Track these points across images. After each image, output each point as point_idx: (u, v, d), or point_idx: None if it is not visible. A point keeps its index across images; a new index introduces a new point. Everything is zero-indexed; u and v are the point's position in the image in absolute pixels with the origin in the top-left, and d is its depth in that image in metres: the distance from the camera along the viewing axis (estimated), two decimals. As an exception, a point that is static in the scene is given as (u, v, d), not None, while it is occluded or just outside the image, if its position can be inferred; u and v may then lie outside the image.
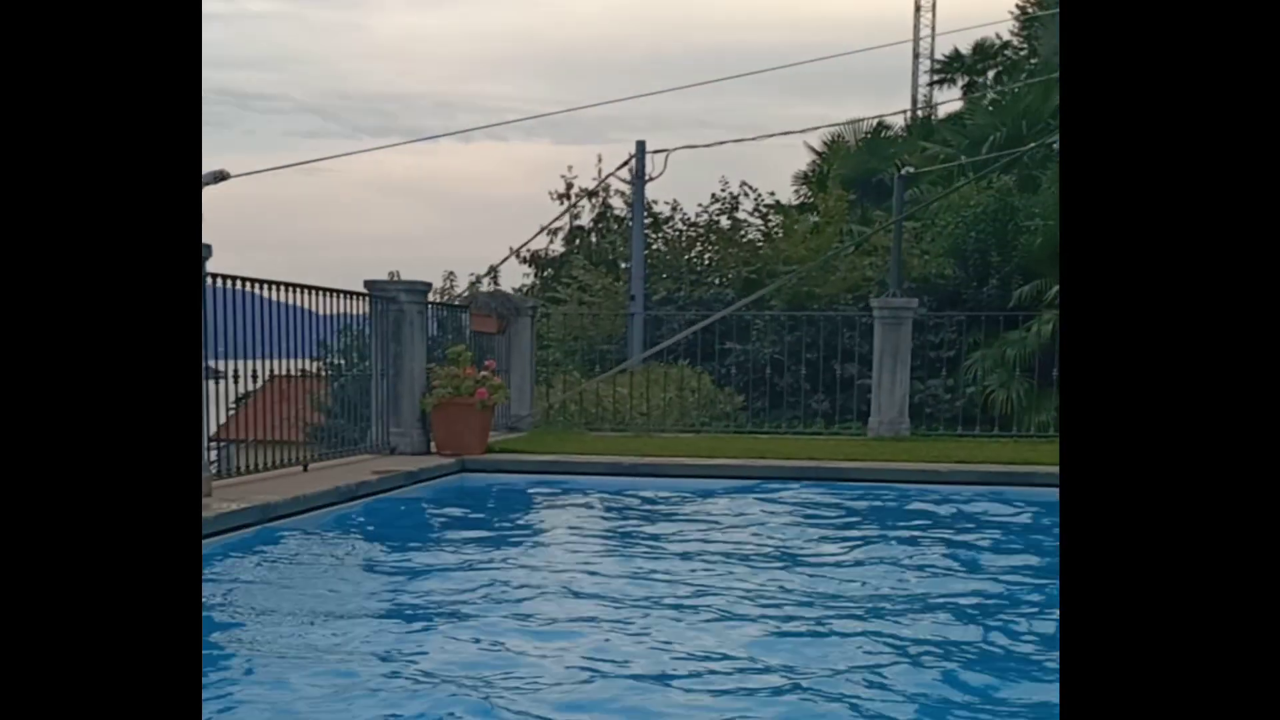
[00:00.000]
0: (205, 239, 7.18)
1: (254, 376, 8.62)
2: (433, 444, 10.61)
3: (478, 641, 5.01)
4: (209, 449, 7.70)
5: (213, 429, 8.19)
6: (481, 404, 10.43)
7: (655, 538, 7.57)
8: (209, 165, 7.59)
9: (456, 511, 8.63)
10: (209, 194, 6.86)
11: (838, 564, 6.68)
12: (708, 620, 5.37)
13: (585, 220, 24.49)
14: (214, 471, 7.76)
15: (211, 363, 7.73)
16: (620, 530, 7.91)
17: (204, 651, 4.70)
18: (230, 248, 7.37)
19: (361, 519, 7.96)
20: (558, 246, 24.42)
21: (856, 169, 22.80)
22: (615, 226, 23.63)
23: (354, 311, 10.15)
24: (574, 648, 4.92)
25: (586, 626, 5.28)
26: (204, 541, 6.53)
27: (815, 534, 7.78)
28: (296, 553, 6.75)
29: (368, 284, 10.41)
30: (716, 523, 8.21)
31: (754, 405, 14.82)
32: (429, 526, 8.07)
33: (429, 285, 11.10)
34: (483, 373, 10.64)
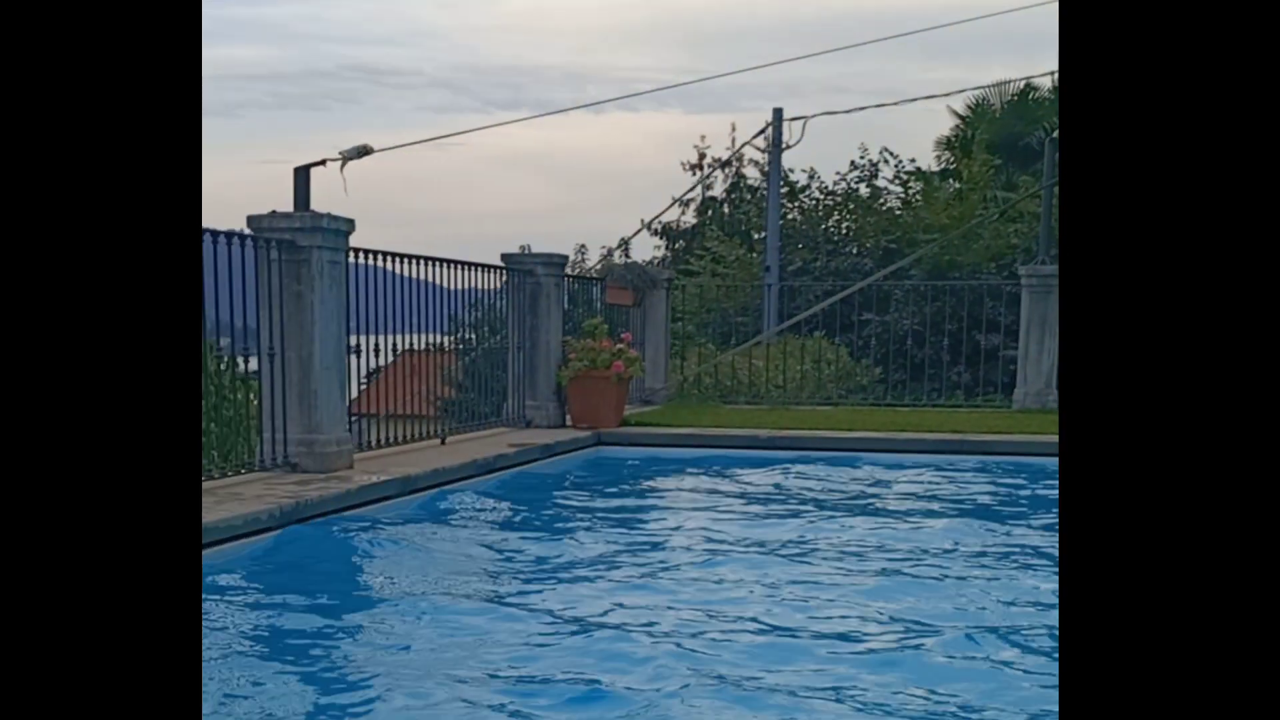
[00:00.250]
0: (348, 214, 7.24)
1: (389, 351, 8.67)
2: (568, 417, 10.59)
3: (621, 610, 4.99)
4: (350, 421, 7.76)
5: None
6: (618, 377, 10.37)
7: (797, 509, 7.44)
8: (348, 141, 7.66)
9: (594, 484, 8.59)
10: (351, 168, 6.89)
11: (995, 536, 6.46)
12: (856, 590, 5.27)
13: (718, 191, 24.32)
14: (354, 444, 7.81)
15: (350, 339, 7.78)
16: (760, 503, 7.78)
17: (356, 619, 4.79)
18: (366, 223, 7.40)
19: (499, 491, 7.97)
20: (689, 218, 24.29)
21: (1002, 133, 22.08)
22: (749, 196, 23.40)
23: (485, 285, 10.14)
24: (718, 615, 4.88)
25: (728, 594, 5.22)
26: (347, 512, 6.59)
27: (965, 505, 7.55)
28: (438, 523, 6.79)
29: (505, 257, 10.41)
30: (861, 495, 8.04)
31: (892, 378, 14.51)
32: (566, 498, 8.04)
33: (566, 258, 11.06)
34: (619, 345, 10.58)
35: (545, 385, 10.53)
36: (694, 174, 23.80)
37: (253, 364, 7.21)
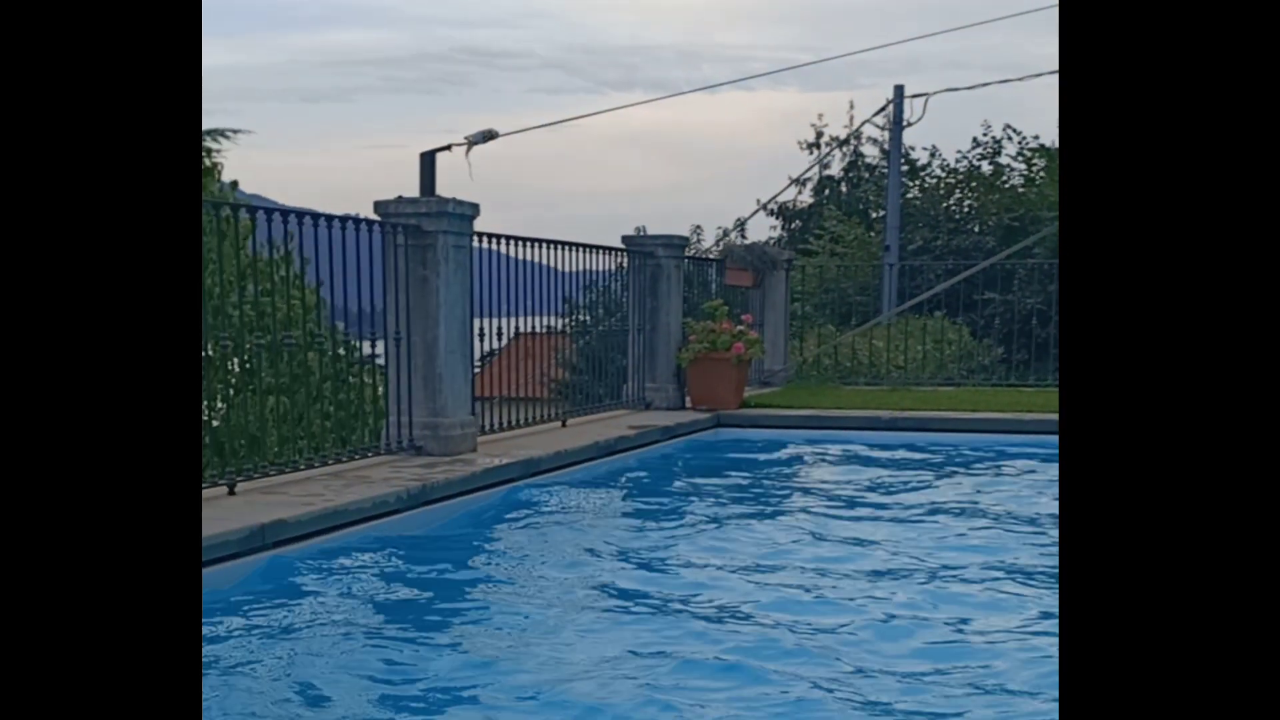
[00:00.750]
0: (473, 199, 7.29)
1: (505, 334, 8.69)
2: (687, 399, 10.56)
3: (756, 590, 4.97)
4: (474, 406, 7.81)
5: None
6: (738, 359, 10.30)
7: (920, 493, 7.32)
8: (461, 124, 7.71)
9: (715, 465, 8.56)
10: (476, 153, 6.93)
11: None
12: (978, 583, 5.15)
13: (835, 169, 24.01)
14: (477, 427, 7.86)
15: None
16: (883, 485, 7.67)
17: (486, 598, 4.82)
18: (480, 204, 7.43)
19: (622, 472, 7.99)
20: (805, 197, 24.02)
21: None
22: (867, 175, 23.08)
23: (599, 267, 10.10)
24: (840, 603, 4.85)
25: (850, 582, 5.16)
26: (471, 495, 6.64)
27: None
28: (564, 505, 6.82)
29: (625, 239, 10.41)
30: (988, 477, 7.89)
31: (1015, 357, 14.21)
32: (689, 480, 8.02)
33: (686, 240, 11.01)
34: (739, 327, 10.52)
35: (665, 367, 10.52)
36: (811, 153, 23.54)
37: (368, 348, 7.29)
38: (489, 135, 7.12)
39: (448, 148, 7.07)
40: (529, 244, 8.60)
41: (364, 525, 5.80)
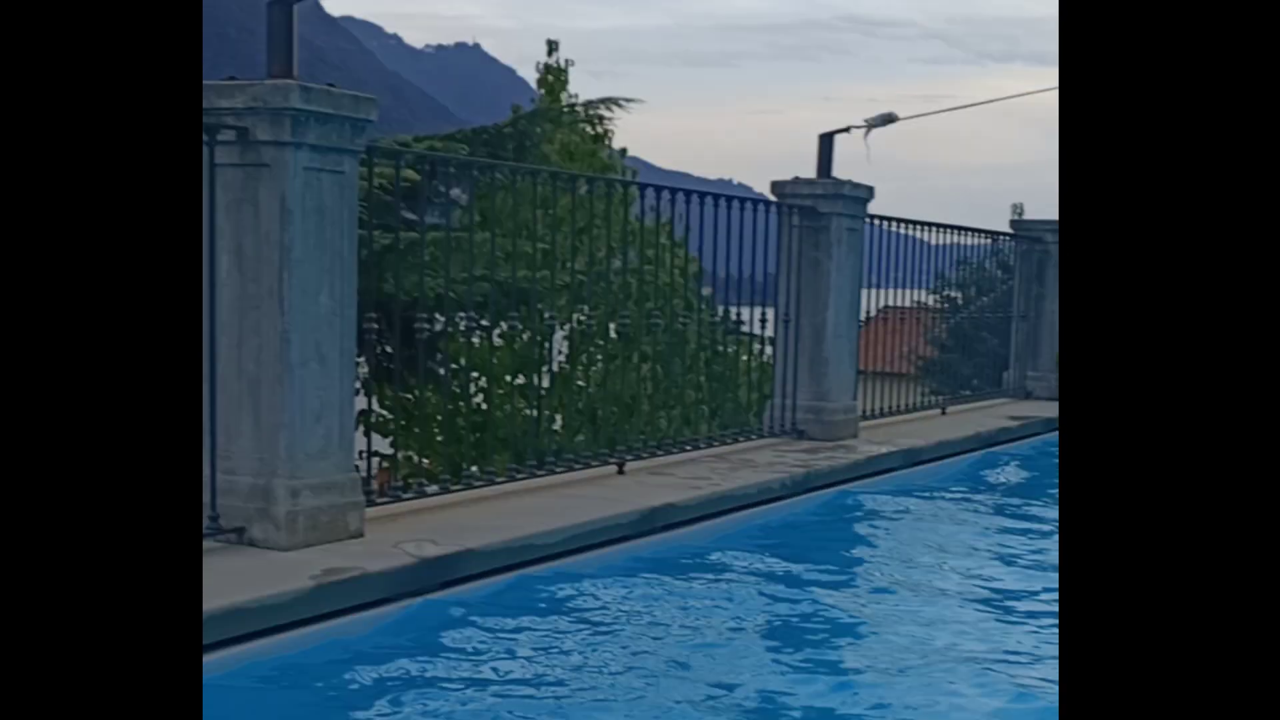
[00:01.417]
0: (869, 181, 7.14)
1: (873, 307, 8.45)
2: (1071, 389, 10.06)
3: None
4: (857, 390, 7.65)
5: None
6: (1129, 350, 9.72)
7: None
8: (852, 96, 7.51)
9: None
10: (875, 135, 6.74)
11: None
12: None
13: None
14: (859, 413, 7.70)
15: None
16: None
17: (874, 595, 4.69)
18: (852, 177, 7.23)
19: (1007, 464, 7.71)
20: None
21: None
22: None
23: (969, 244, 9.69)
24: None
25: None
26: (853, 483, 6.51)
27: None
28: (949, 497, 6.64)
29: (1014, 224, 10.16)
30: None
31: None
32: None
33: (1074, 224, 10.48)
34: (1132, 316, 9.92)
35: (1048, 356, 10.06)
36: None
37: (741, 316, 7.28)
38: (888, 119, 6.91)
39: (847, 129, 6.93)
40: (918, 227, 8.39)
41: (748, 511, 5.77)
